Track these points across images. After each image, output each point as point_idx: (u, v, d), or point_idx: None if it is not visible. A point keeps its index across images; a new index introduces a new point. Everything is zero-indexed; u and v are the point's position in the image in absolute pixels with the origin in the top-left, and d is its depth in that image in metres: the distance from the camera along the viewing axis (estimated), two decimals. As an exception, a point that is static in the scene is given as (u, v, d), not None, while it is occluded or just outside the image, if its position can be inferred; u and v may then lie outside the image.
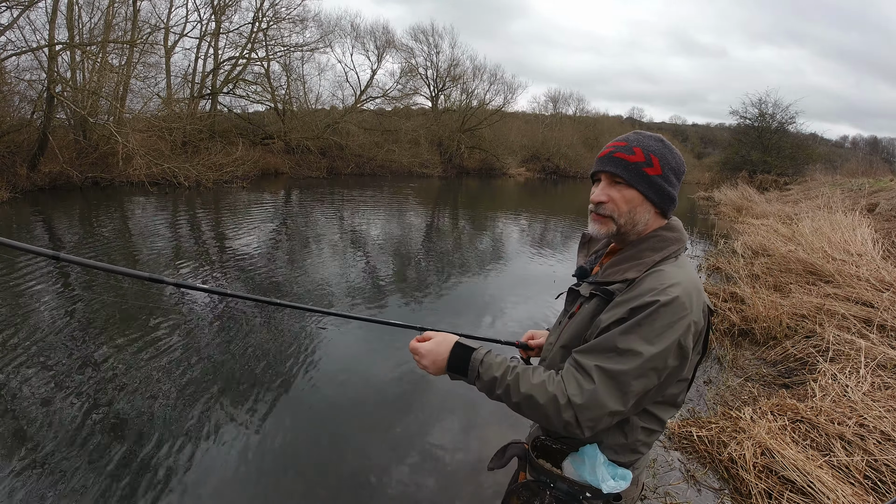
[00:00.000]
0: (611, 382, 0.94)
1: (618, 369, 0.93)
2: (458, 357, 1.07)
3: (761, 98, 27.39)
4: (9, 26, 11.43)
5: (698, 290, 0.99)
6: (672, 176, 1.04)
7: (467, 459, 2.65)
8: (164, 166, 13.11)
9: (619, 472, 1.06)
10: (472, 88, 29.68)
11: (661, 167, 1.02)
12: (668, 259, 1.03)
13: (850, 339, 3.70)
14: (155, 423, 2.85)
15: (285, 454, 2.66)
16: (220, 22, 19.27)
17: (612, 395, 0.93)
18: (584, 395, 0.93)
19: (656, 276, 0.98)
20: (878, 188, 13.03)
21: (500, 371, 1.02)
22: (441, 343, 1.10)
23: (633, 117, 57.37)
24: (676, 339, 0.93)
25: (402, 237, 9.25)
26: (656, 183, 1.02)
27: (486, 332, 4.50)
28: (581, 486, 1.06)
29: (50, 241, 7.44)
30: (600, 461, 1.05)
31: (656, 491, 2.42)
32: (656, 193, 1.03)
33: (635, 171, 1.02)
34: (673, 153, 1.05)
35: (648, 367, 0.93)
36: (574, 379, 0.96)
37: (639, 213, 1.04)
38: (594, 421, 0.95)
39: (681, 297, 0.94)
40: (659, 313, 0.93)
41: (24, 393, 3.07)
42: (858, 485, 2.22)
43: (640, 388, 0.95)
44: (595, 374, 0.94)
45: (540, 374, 1.00)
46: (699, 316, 0.97)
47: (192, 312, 4.61)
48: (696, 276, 1.04)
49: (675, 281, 0.96)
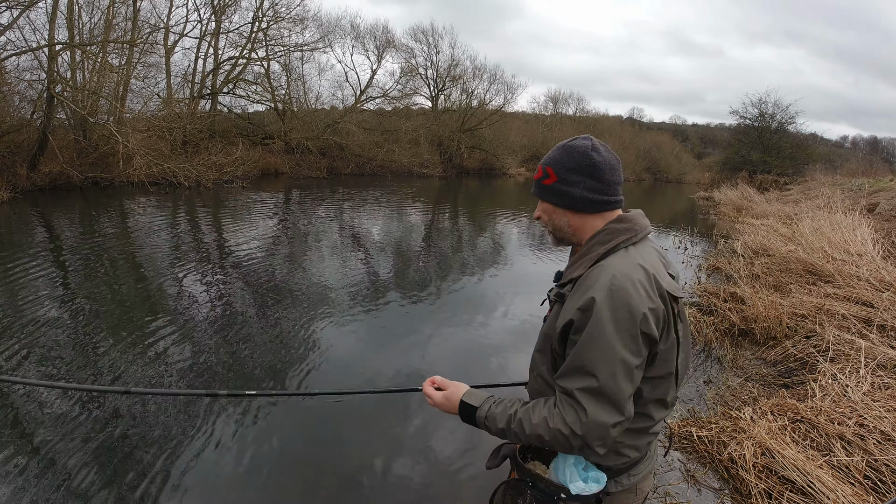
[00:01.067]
0: (598, 400, 0.95)
1: (597, 386, 0.94)
2: (466, 414, 1.13)
3: (761, 98, 27.44)
4: (9, 26, 11.44)
5: (648, 276, 0.98)
6: (573, 175, 1.06)
7: (467, 459, 2.65)
8: (164, 166, 13.11)
9: (593, 474, 1.06)
10: (472, 88, 29.73)
11: (556, 174, 1.08)
12: (617, 249, 1.04)
13: (850, 339, 3.69)
14: (155, 423, 2.84)
15: (285, 454, 2.66)
16: (220, 22, 19.30)
17: (606, 411, 0.94)
18: (582, 423, 0.95)
19: (597, 271, 1.00)
20: (878, 188, 13.03)
21: (503, 422, 1.05)
22: (450, 398, 1.16)
23: (633, 117, 57.44)
24: (637, 331, 0.94)
25: (402, 237, 9.25)
26: (555, 190, 1.09)
27: (486, 334, 4.51)
28: (556, 487, 1.07)
29: (50, 241, 7.44)
30: (569, 462, 1.06)
31: (656, 491, 2.42)
32: (559, 199, 1.09)
33: (539, 187, 1.13)
34: (571, 154, 1.07)
35: (624, 369, 0.94)
36: (568, 407, 0.97)
37: (556, 219, 1.13)
38: (602, 439, 0.96)
39: (626, 288, 0.94)
40: (608, 311, 0.94)
41: (25, 392, 3.07)
42: (858, 485, 2.21)
43: (627, 389, 0.95)
44: (582, 398, 0.95)
45: (539, 411, 1.01)
46: (656, 302, 0.97)
47: (193, 312, 4.61)
48: (651, 261, 1.03)
49: (619, 271, 0.97)
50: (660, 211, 17.32)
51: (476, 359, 4.02)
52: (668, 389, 1.08)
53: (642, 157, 39.95)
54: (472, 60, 31.28)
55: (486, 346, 4.22)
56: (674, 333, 1.04)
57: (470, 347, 4.21)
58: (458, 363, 3.92)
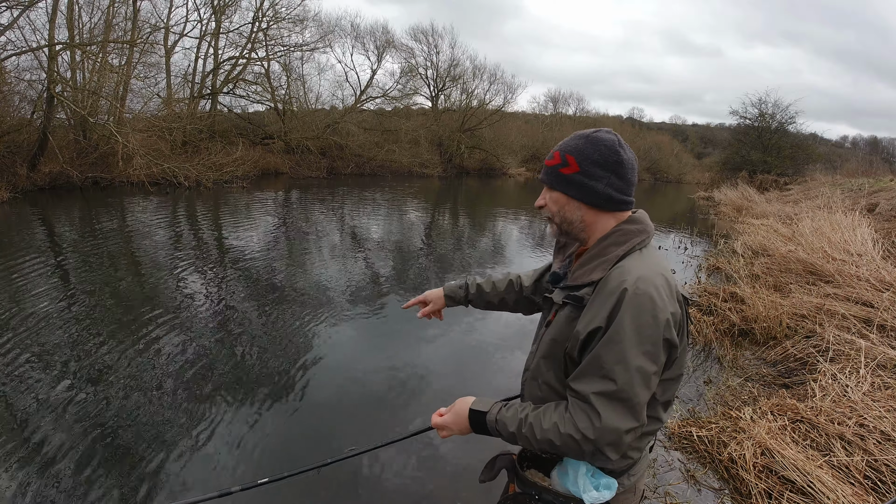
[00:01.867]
0: (614, 405, 0.92)
1: (614, 390, 0.92)
2: (476, 423, 1.10)
3: (761, 98, 27.42)
4: (9, 26, 11.43)
5: (667, 280, 0.97)
6: (596, 169, 1.02)
7: (467, 460, 2.65)
8: (164, 166, 13.11)
9: (604, 481, 1.03)
10: (472, 88, 29.68)
11: (578, 164, 1.03)
12: (633, 252, 1.01)
13: (850, 339, 3.69)
14: (154, 423, 2.84)
15: (285, 454, 2.66)
16: (220, 22, 19.29)
17: (621, 417, 0.92)
18: (595, 428, 0.92)
19: (619, 273, 0.97)
20: (878, 188, 13.03)
21: (514, 426, 1.03)
22: (458, 414, 1.12)
23: (634, 117, 57.44)
24: (659, 337, 0.93)
25: (402, 237, 9.24)
26: (575, 180, 1.04)
27: (485, 334, 4.50)
28: (566, 498, 1.04)
29: (50, 241, 7.44)
30: (582, 471, 1.03)
31: (656, 491, 2.42)
32: (577, 190, 1.04)
33: (553, 174, 1.06)
34: (597, 146, 1.03)
35: (641, 375, 0.92)
36: (581, 412, 0.95)
37: (568, 212, 1.07)
38: (615, 445, 0.93)
39: (649, 292, 0.92)
40: (630, 316, 0.91)
41: (24, 392, 3.07)
42: (858, 485, 2.21)
43: (644, 396, 0.93)
44: (597, 403, 0.93)
45: (550, 415, 0.99)
46: (675, 307, 0.96)
47: (192, 312, 4.61)
48: (663, 264, 1.02)
49: (641, 274, 0.95)
50: (660, 211, 17.31)
51: (476, 358, 4.02)
52: (675, 391, 1.07)
53: (642, 157, 39.84)
54: (472, 60, 31.26)
55: (486, 346, 4.22)
56: (685, 336, 1.03)
57: (470, 347, 4.21)
58: (456, 363, 3.92)
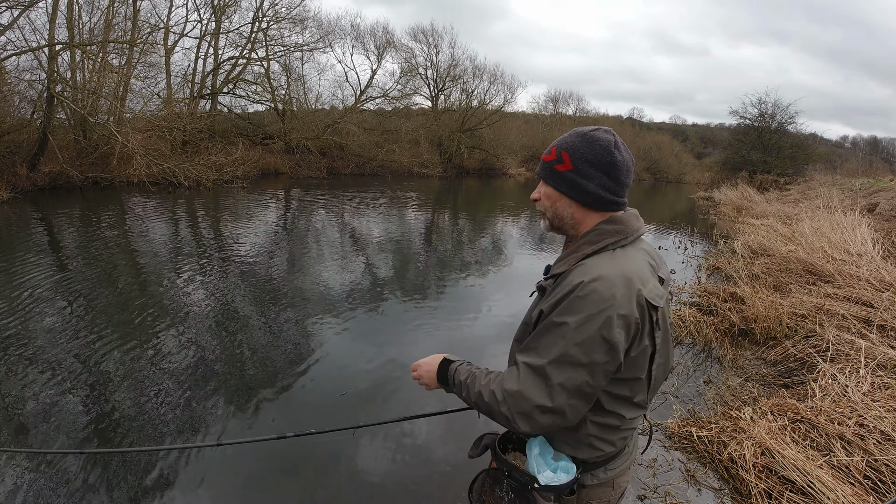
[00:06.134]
0: (535, 377, 0.98)
1: (538, 364, 0.97)
2: (441, 374, 1.18)
3: (761, 98, 27.42)
4: (9, 26, 11.44)
5: (628, 282, 0.96)
6: (589, 168, 1.03)
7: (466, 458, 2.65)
8: (164, 166, 13.10)
9: (562, 464, 1.07)
10: (472, 88, 29.65)
11: (572, 162, 1.04)
12: (604, 251, 1.03)
13: (850, 340, 3.69)
14: (154, 424, 2.84)
15: (285, 454, 2.66)
16: (220, 22, 19.29)
17: (535, 390, 0.97)
18: (512, 392, 0.99)
19: (579, 270, 1.00)
20: (877, 188, 13.04)
21: (464, 376, 1.11)
22: (430, 363, 1.21)
23: (634, 117, 57.46)
24: (596, 332, 0.94)
25: (402, 237, 9.24)
26: (567, 178, 1.06)
27: (486, 331, 4.51)
28: (530, 478, 1.08)
29: (50, 241, 7.44)
30: (535, 452, 1.09)
31: (656, 491, 2.42)
32: (568, 188, 1.06)
33: (548, 170, 1.09)
34: (592, 146, 1.03)
35: (567, 362, 0.95)
36: (511, 375, 1.02)
37: (559, 208, 1.09)
38: (524, 415, 0.98)
39: (599, 290, 0.94)
40: (575, 307, 0.95)
41: (25, 392, 3.07)
42: (858, 485, 2.21)
43: (563, 382, 0.96)
44: (523, 371, 0.99)
45: (492, 375, 1.06)
46: (629, 308, 0.95)
47: (192, 311, 4.61)
48: (634, 268, 1.00)
49: (598, 274, 0.96)
50: (660, 211, 17.31)
51: (475, 358, 4.01)
52: (638, 392, 1.07)
53: (642, 157, 39.88)
54: (471, 60, 31.19)
55: (486, 343, 4.22)
56: (647, 341, 1.02)
57: (470, 347, 4.21)
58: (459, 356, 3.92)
